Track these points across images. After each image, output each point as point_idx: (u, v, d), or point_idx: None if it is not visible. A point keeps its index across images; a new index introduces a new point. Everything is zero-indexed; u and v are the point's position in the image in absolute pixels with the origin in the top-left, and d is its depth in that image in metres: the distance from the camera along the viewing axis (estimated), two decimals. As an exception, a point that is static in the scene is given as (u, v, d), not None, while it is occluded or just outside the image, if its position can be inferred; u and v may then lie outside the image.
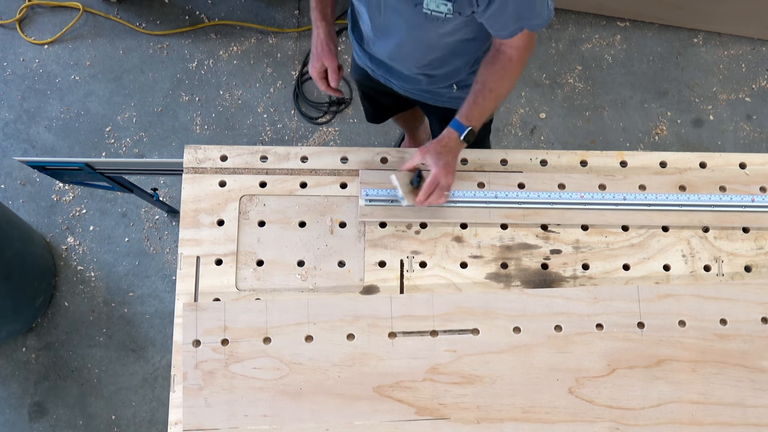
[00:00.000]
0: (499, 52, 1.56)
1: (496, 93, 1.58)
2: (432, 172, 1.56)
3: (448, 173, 1.56)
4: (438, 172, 1.55)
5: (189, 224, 1.66)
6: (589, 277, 1.65)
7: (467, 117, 1.57)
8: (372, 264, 1.64)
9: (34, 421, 2.61)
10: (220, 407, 1.52)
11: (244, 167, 1.71)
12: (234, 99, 2.96)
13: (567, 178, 1.70)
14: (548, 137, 2.95)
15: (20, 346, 2.66)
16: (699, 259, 1.67)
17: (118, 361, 2.66)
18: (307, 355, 1.55)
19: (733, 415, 1.55)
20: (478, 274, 1.65)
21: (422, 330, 1.58)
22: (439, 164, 1.55)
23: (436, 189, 1.57)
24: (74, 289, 2.73)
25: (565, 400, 1.55)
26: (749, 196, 1.68)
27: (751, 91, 3.03)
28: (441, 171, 1.55)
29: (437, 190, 1.57)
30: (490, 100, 1.58)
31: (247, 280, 1.63)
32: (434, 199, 1.58)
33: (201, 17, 3.07)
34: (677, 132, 2.97)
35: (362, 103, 2.27)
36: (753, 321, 1.60)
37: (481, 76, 1.59)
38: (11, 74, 2.98)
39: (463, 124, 1.57)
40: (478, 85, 1.58)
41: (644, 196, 1.68)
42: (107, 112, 2.93)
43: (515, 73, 1.58)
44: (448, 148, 1.56)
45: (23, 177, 2.85)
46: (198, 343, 1.55)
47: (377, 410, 1.53)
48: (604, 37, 3.08)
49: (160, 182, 2.83)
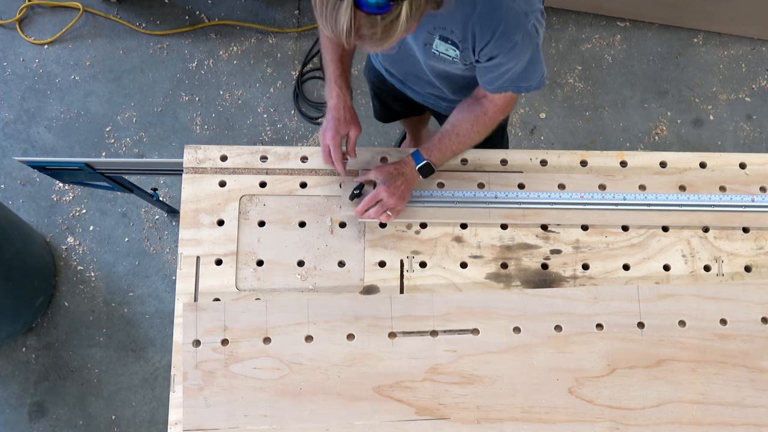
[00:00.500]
0: (477, 102, 1.56)
1: (463, 139, 1.58)
2: (375, 188, 1.58)
3: (391, 194, 1.56)
4: (380, 190, 1.57)
5: (189, 224, 1.66)
6: (589, 277, 1.65)
7: (428, 151, 1.58)
8: (372, 264, 1.64)
9: (34, 421, 2.61)
10: (220, 407, 1.52)
11: (244, 167, 1.71)
12: (234, 99, 2.96)
13: (567, 178, 1.70)
14: (548, 137, 2.95)
15: (20, 346, 2.66)
16: (699, 259, 1.67)
17: (118, 361, 2.66)
18: (307, 355, 1.55)
19: (733, 415, 1.55)
20: (478, 274, 1.65)
21: (422, 330, 1.58)
22: (385, 183, 1.56)
23: (377, 205, 1.58)
24: (74, 289, 2.73)
25: (565, 400, 1.55)
26: (749, 196, 1.68)
27: (751, 91, 3.03)
28: (383, 189, 1.56)
29: (378, 206, 1.58)
30: (455, 143, 1.58)
31: (247, 280, 1.63)
32: (374, 214, 1.59)
33: (201, 17, 3.07)
34: (677, 132, 2.97)
35: (373, 102, 2.25)
36: (753, 321, 1.60)
37: (453, 117, 1.59)
38: (11, 74, 2.98)
39: (422, 155, 1.58)
40: (448, 126, 1.59)
41: (644, 196, 1.68)
42: (107, 112, 2.93)
43: (486, 127, 1.58)
44: (400, 172, 1.58)
45: (23, 177, 2.85)
46: (198, 343, 1.55)
47: (377, 410, 1.53)
48: (604, 37, 3.08)
49: (160, 182, 2.83)
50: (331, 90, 1.60)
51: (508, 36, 1.32)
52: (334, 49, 1.59)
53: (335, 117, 1.60)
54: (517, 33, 1.32)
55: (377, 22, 1.12)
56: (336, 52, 1.59)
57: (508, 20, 1.31)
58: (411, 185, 1.60)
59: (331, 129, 1.60)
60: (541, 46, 1.43)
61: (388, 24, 1.13)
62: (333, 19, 1.12)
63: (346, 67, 1.62)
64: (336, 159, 1.61)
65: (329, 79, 1.61)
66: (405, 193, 1.59)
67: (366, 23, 1.12)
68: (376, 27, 1.13)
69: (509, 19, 1.31)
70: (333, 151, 1.61)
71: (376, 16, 1.11)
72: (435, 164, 1.59)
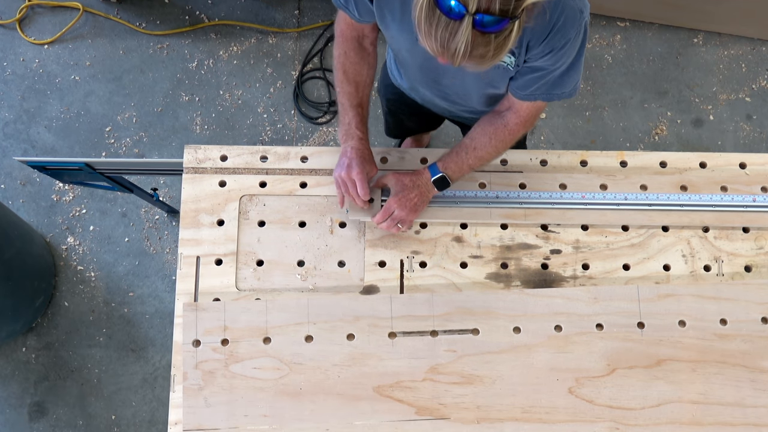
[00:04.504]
0: (499, 115, 1.53)
1: (480, 153, 1.55)
2: (389, 199, 1.57)
3: (402, 207, 1.56)
4: (392, 202, 1.56)
5: (189, 224, 1.66)
6: (589, 277, 1.65)
7: (445, 164, 1.56)
8: (372, 264, 1.64)
9: (34, 421, 2.61)
10: (220, 407, 1.52)
11: (244, 167, 1.71)
12: (234, 99, 2.96)
13: (568, 178, 1.70)
14: (548, 137, 2.95)
15: (20, 346, 2.66)
16: (699, 259, 1.67)
17: (118, 361, 2.66)
18: (307, 355, 1.55)
19: (733, 415, 1.55)
20: (478, 274, 1.65)
21: (422, 330, 1.58)
22: (397, 195, 1.56)
23: (389, 217, 1.57)
24: (74, 289, 2.73)
25: (565, 400, 1.55)
26: (750, 196, 1.68)
27: (751, 91, 3.03)
28: (395, 201, 1.56)
29: (389, 219, 1.57)
30: (472, 158, 1.56)
31: (247, 280, 1.63)
32: (386, 226, 1.59)
33: (201, 17, 3.07)
34: (677, 132, 2.97)
35: (386, 118, 2.20)
36: (753, 321, 1.60)
37: (473, 131, 1.57)
38: (11, 74, 2.98)
39: (438, 168, 1.56)
40: (467, 140, 1.57)
41: (645, 196, 1.68)
42: (107, 112, 2.93)
43: (505, 142, 1.54)
44: (415, 184, 1.57)
45: (23, 177, 2.85)
46: (198, 343, 1.55)
47: (377, 410, 1.53)
48: (604, 37, 3.08)
49: (160, 182, 2.83)
50: (352, 135, 1.56)
51: (563, 32, 1.28)
52: (354, 94, 1.56)
53: (360, 156, 1.54)
54: (572, 29, 1.28)
55: (491, 41, 1.08)
56: (356, 98, 1.56)
57: (567, 16, 1.27)
58: (425, 197, 1.58)
59: (357, 165, 1.53)
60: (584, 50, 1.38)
61: (501, 42, 1.09)
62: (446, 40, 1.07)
63: (366, 113, 1.59)
64: (364, 194, 1.55)
65: (349, 124, 1.56)
66: (418, 205, 1.58)
67: (481, 42, 1.07)
68: (489, 45, 1.08)
69: (567, 15, 1.27)
70: (360, 186, 1.54)
71: (491, 35, 1.07)
72: (451, 177, 1.57)
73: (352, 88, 1.56)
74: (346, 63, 1.56)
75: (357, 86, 1.56)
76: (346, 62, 1.56)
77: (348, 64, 1.56)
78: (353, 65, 1.56)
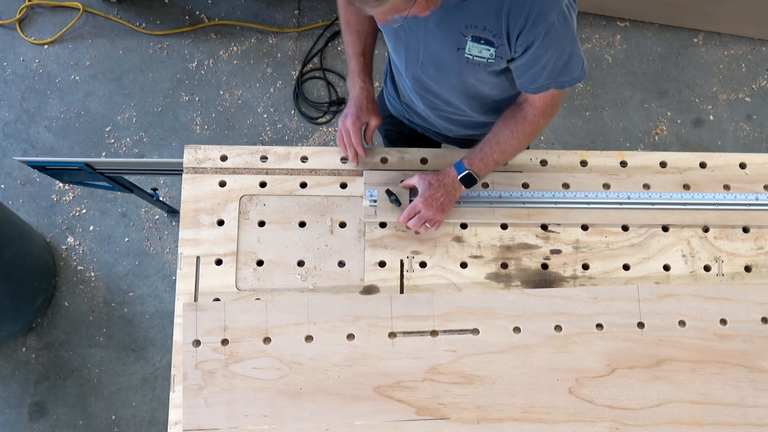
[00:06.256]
0: (519, 108, 1.53)
1: (504, 147, 1.55)
2: (415, 199, 1.58)
3: (429, 206, 1.56)
4: (419, 202, 1.57)
5: (189, 224, 1.66)
6: (589, 277, 1.65)
7: (470, 161, 1.56)
8: (372, 264, 1.64)
9: (34, 421, 2.61)
10: (220, 407, 1.52)
11: (244, 167, 1.71)
12: (234, 99, 2.96)
13: (571, 177, 1.69)
14: (548, 137, 2.95)
15: (20, 346, 2.66)
16: (699, 259, 1.67)
17: (118, 361, 2.66)
18: (307, 355, 1.55)
19: (733, 415, 1.55)
20: (478, 274, 1.65)
21: (422, 330, 1.58)
22: (424, 194, 1.56)
23: (416, 217, 1.58)
24: (74, 289, 2.73)
25: (565, 400, 1.55)
26: (753, 195, 1.68)
27: (751, 91, 3.03)
28: (422, 201, 1.56)
29: (416, 218, 1.58)
30: (497, 152, 1.55)
31: (247, 280, 1.63)
32: (413, 225, 1.59)
33: (201, 17, 3.07)
34: (677, 132, 2.97)
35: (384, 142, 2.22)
36: (753, 321, 1.60)
37: (496, 126, 1.57)
38: (11, 74, 2.98)
39: (464, 165, 1.56)
40: (490, 134, 1.57)
41: (648, 195, 1.68)
42: (107, 112, 2.93)
43: (526, 134, 1.54)
44: (441, 183, 1.57)
45: (23, 177, 2.85)
46: (198, 343, 1.55)
47: (377, 410, 1.53)
48: (604, 37, 3.08)
49: (160, 182, 2.83)
50: (354, 83, 1.63)
51: (542, 17, 1.28)
52: (357, 43, 1.62)
53: (357, 105, 1.63)
54: (551, 13, 1.28)
55: None
56: (359, 46, 1.62)
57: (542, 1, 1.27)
58: (452, 196, 1.58)
59: (352, 115, 1.63)
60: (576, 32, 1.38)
61: None
62: None
63: (368, 61, 1.65)
64: (357, 143, 1.64)
65: (352, 72, 1.64)
66: (445, 205, 1.58)
67: None
68: None
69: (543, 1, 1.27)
70: (353, 135, 1.63)
71: None
72: (477, 174, 1.56)
73: (355, 38, 1.61)
74: (348, 13, 1.61)
75: (359, 35, 1.61)
76: (348, 12, 1.61)
77: (350, 14, 1.61)
78: (355, 15, 1.60)
